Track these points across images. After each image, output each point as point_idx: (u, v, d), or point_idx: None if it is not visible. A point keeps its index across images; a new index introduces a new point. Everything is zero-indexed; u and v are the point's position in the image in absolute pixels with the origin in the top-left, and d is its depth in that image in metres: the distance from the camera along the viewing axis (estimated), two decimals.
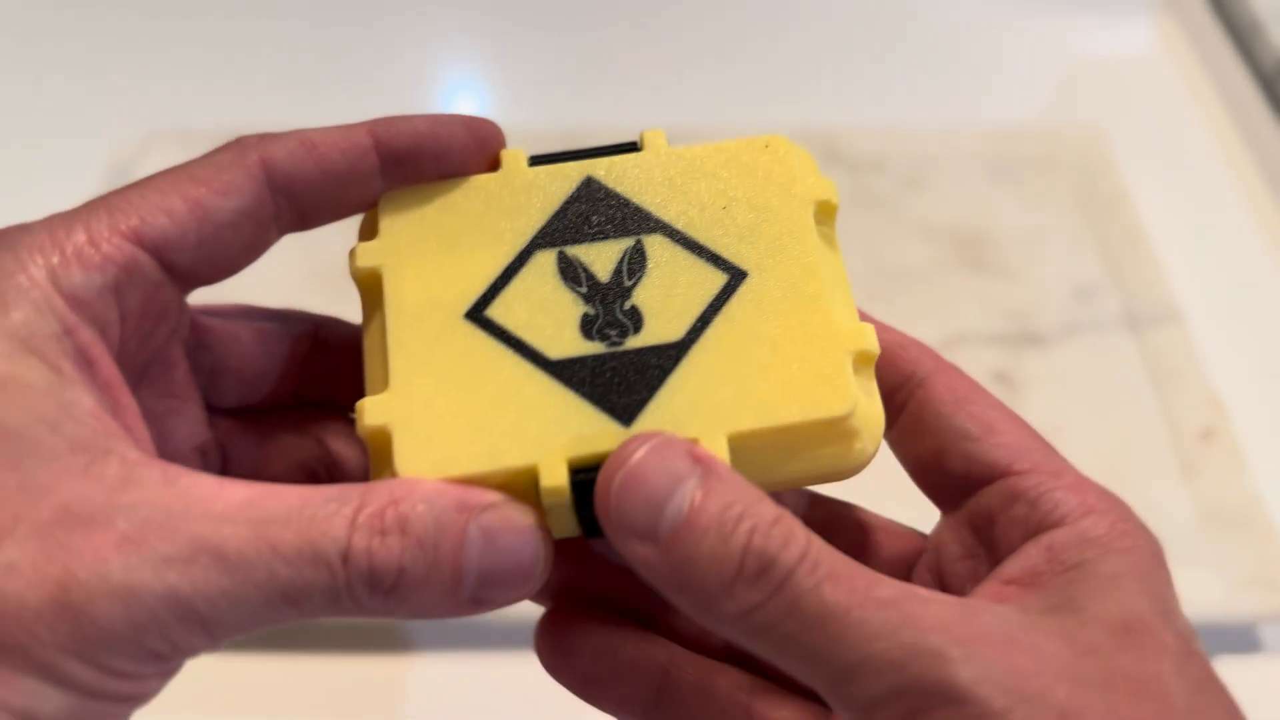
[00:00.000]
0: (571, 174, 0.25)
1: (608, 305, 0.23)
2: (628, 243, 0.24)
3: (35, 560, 0.17)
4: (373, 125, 0.23)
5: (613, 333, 0.23)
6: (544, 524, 0.21)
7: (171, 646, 0.18)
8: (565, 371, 0.22)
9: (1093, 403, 0.49)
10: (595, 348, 0.23)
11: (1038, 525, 0.21)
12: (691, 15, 0.72)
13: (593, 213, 0.24)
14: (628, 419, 0.22)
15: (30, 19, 0.69)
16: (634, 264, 0.23)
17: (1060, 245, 0.56)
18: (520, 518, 0.20)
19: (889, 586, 0.18)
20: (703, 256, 0.23)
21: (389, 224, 0.24)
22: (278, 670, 0.41)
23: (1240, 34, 0.69)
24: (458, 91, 0.68)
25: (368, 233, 0.24)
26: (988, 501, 0.22)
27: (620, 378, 0.22)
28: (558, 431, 0.21)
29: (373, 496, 0.19)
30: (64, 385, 0.19)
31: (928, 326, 0.52)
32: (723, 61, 0.69)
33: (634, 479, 0.19)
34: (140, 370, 0.23)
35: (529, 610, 0.36)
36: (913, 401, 0.24)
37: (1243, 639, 0.43)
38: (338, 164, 0.23)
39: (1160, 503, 0.45)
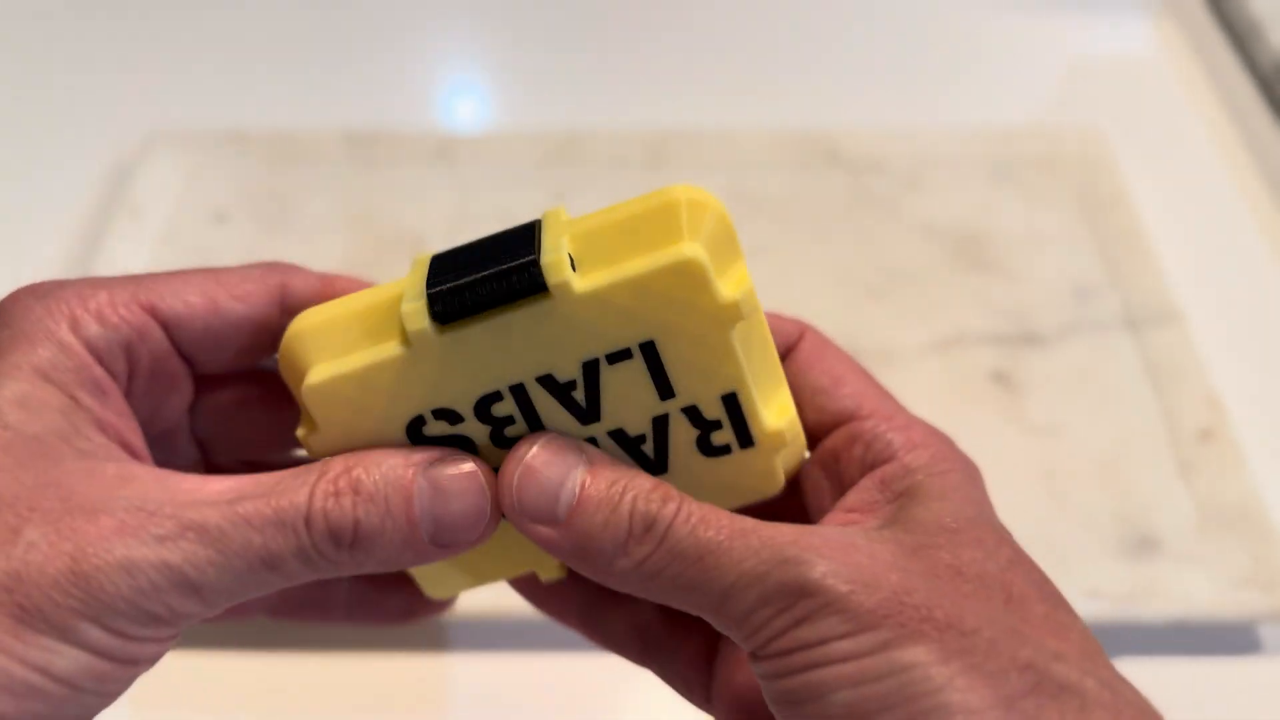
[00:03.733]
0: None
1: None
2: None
3: (51, 540, 0.20)
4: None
5: None
6: (486, 466, 0.23)
7: (170, 610, 0.21)
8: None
9: (1092, 403, 0.49)
10: None
11: (872, 462, 0.25)
12: (692, 16, 0.72)
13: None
14: None
15: (30, 20, 0.70)
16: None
17: (1060, 245, 0.56)
18: (463, 463, 0.23)
19: (748, 521, 0.22)
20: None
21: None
22: (277, 670, 0.41)
23: (1240, 35, 0.69)
24: (458, 92, 0.68)
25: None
26: (834, 444, 0.26)
27: None
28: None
29: (331, 466, 0.22)
30: (77, 409, 0.23)
31: (928, 326, 0.52)
32: (722, 61, 0.69)
33: (530, 472, 0.23)
34: (153, 440, 0.26)
35: (529, 615, 0.36)
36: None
37: (1242, 639, 0.43)
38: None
39: (1159, 503, 0.45)
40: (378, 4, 0.71)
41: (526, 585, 0.29)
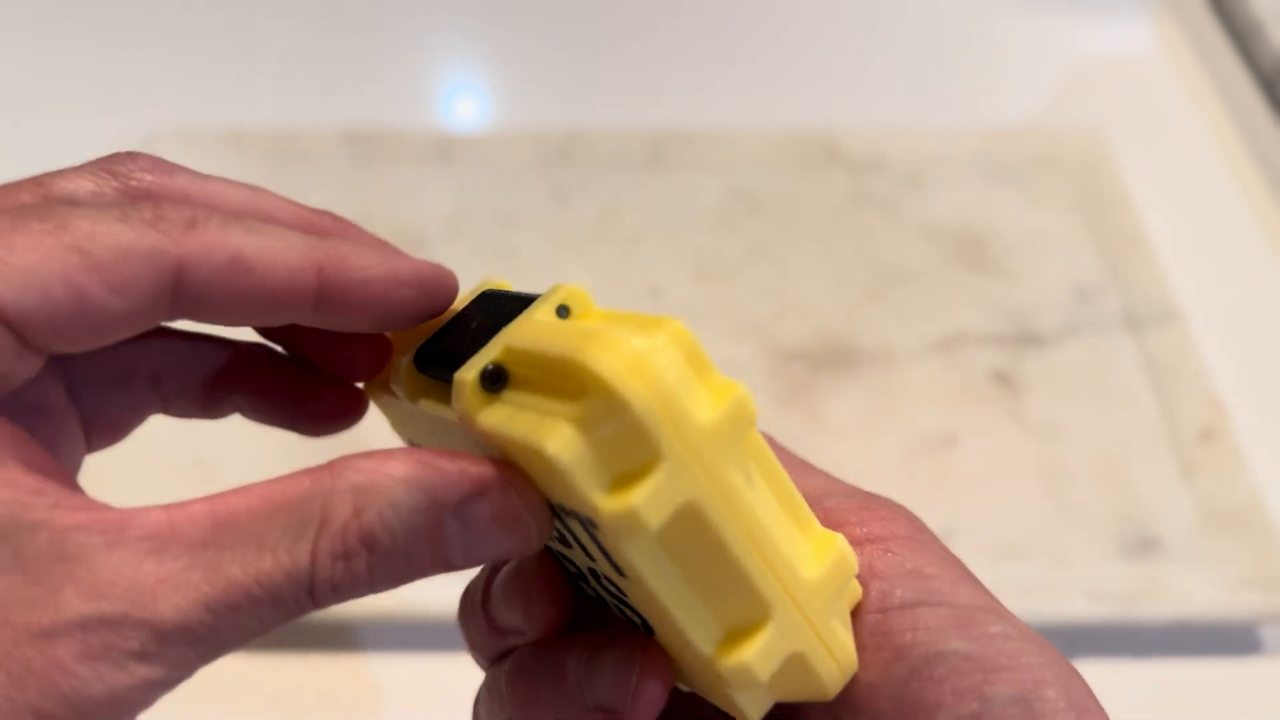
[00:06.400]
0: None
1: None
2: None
3: (8, 693, 0.16)
4: (323, 260, 0.20)
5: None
6: (539, 498, 0.19)
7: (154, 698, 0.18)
8: None
9: (1093, 403, 0.49)
10: None
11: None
12: (692, 15, 0.72)
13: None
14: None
15: (30, 19, 0.69)
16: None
17: (1060, 245, 0.56)
18: (506, 504, 0.19)
19: None
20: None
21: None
22: (272, 670, 0.41)
23: (1240, 34, 0.69)
24: (458, 91, 0.68)
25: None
26: None
27: None
28: None
29: (334, 511, 0.18)
30: None
31: (928, 327, 0.52)
32: (723, 61, 0.69)
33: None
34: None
35: None
36: None
37: (1243, 639, 0.43)
38: (264, 297, 0.20)
39: (1160, 503, 0.45)
40: (377, 3, 0.71)
41: None
